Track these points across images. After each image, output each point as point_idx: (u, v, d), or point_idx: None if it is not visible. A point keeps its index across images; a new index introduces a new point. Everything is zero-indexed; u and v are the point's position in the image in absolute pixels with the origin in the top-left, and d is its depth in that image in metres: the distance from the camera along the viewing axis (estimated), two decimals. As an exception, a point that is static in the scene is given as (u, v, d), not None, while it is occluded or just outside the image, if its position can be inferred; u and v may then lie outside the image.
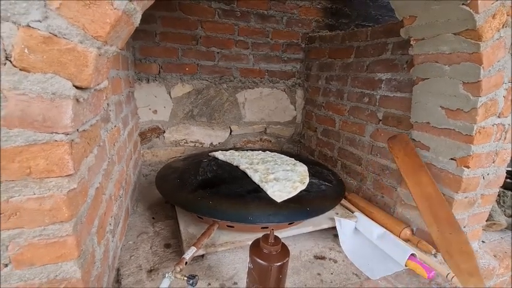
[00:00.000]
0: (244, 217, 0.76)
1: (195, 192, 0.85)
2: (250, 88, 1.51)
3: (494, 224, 1.02)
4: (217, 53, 1.40)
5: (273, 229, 0.54)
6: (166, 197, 0.89)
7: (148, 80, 1.31)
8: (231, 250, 0.83)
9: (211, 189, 0.86)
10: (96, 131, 0.53)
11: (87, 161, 0.47)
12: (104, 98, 0.58)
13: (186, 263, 0.64)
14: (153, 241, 0.88)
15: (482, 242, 0.99)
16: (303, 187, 0.90)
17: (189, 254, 0.65)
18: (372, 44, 1.12)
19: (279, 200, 0.82)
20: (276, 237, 0.54)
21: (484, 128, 0.77)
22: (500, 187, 0.93)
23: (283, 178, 0.93)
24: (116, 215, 0.75)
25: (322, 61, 1.42)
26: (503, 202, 1.07)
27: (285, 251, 0.54)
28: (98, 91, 0.48)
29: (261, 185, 0.87)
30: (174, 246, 0.86)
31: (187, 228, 0.86)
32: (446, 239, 0.77)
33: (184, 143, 1.45)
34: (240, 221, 0.77)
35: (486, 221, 0.95)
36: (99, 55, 0.39)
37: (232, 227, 0.82)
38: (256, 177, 0.91)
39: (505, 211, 1.06)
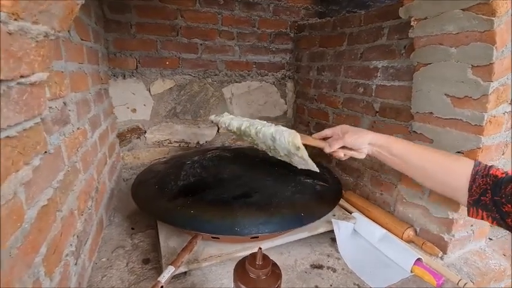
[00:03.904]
0: (230, 228, 0.66)
1: (174, 200, 0.75)
2: (237, 82, 1.40)
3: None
4: (200, 44, 1.29)
5: (260, 248, 0.44)
6: (141, 207, 0.78)
7: (124, 76, 1.20)
8: (218, 263, 0.74)
9: (194, 195, 0.76)
10: (36, 137, 0.42)
11: (18, 175, 0.37)
12: (47, 95, 0.47)
13: (162, 287, 0.54)
14: (130, 256, 0.78)
15: (490, 239, 0.92)
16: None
17: (165, 277, 0.56)
18: (365, 29, 1.03)
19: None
20: (265, 257, 0.45)
21: (495, 116, 0.69)
22: (509, 180, 0.86)
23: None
24: (82, 231, 0.65)
25: (312, 51, 1.33)
26: None
27: (276, 274, 0.45)
28: (30, 85, 0.38)
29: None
30: (154, 261, 0.76)
31: (168, 240, 0.76)
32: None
33: (168, 143, 1.35)
34: (226, 232, 0.67)
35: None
36: (10, 34, 0.28)
37: (218, 238, 0.73)
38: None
39: None
